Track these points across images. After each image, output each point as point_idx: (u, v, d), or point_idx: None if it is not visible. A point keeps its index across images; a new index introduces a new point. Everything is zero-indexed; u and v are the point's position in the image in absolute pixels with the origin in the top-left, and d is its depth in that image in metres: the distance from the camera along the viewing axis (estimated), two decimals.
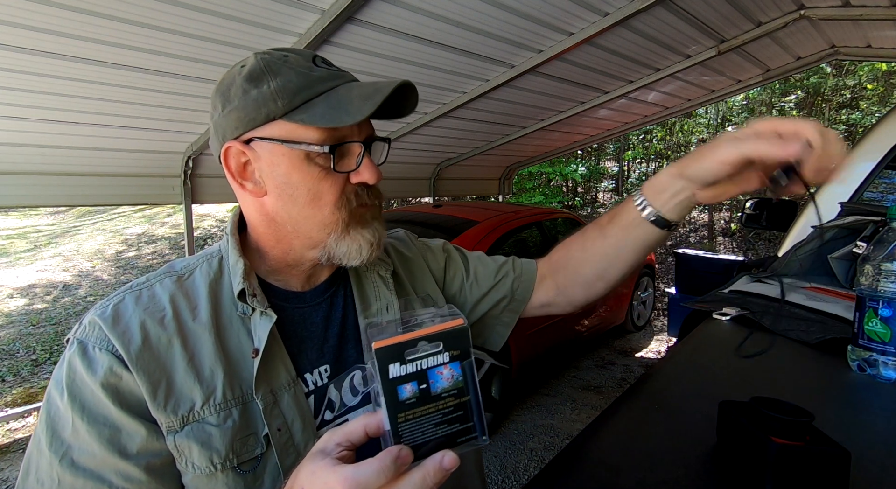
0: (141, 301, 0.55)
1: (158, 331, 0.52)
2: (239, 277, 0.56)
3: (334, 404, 0.61)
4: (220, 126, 0.56)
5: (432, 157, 4.94)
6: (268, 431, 0.53)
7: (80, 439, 0.48)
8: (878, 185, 1.68)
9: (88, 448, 0.48)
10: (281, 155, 0.54)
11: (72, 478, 0.47)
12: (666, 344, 4.58)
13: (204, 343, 0.53)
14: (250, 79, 0.53)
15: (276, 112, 0.52)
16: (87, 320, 0.53)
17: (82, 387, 0.50)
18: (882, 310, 0.80)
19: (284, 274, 0.62)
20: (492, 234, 3.09)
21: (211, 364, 0.53)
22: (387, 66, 2.63)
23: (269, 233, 0.59)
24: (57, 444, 0.48)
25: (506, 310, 0.79)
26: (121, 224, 10.34)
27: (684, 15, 2.76)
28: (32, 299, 6.20)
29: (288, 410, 0.55)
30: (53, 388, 0.50)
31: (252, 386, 0.53)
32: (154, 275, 0.58)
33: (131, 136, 2.74)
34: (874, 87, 7.16)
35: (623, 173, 9.60)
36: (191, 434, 0.50)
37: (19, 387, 3.83)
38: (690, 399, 0.77)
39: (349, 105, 0.51)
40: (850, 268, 1.34)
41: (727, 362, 0.93)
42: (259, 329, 0.55)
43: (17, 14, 1.65)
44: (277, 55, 0.55)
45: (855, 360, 0.85)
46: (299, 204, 0.55)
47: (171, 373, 0.51)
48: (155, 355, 0.51)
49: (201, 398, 0.51)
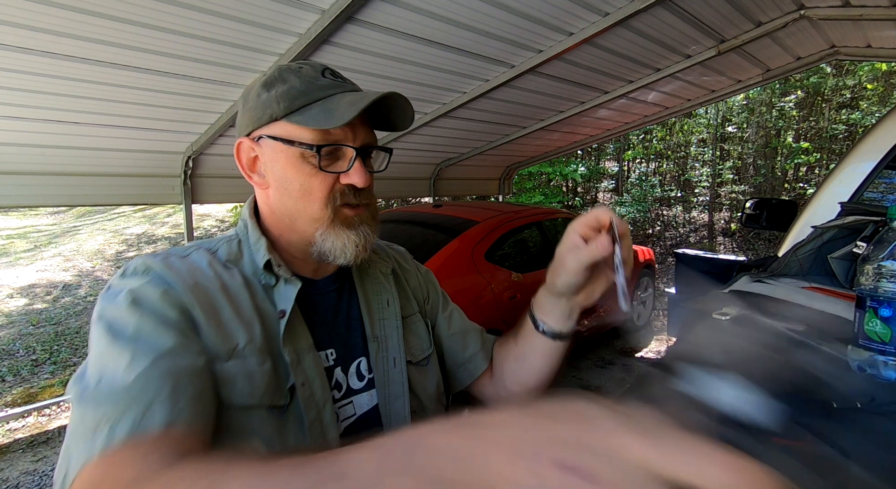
0: (185, 261, 0.59)
1: (205, 281, 0.57)
2: (263, 250, 0.62)
3: (341, 386, 0.65)
4: (238, 124, 0.64)
5: (432, 157, 4.94)
6: (294, 383, 0.57)
7: (147, 331, 0.50)
8: (878, 185, 1.68)
9: (156, 338, 0.49)
10: (280, 152, 0.60)
11: (142, 359, 0.48)
12: (666, 344, 4.58)
13: (243, 298, 0.58)
14: (265, 84, 0.61)
15: (277, 113, 0.59)
16: (135, 264, 0.56)
17: (145, 298, 0.52)
18: (882, 310, 0.80)
19: (294, 262, 0.66)
20: (492, 234, 3.08)
21: (249, 317, 0.57)
22: (387, 66, 2.63)
23: (275, 222, 0.65)
24: (123, 338, 0.49)
25: (469, 363, 0.80)
26: (121, 224, 10.35)
27: (684, 15, 2.76)
28: (33, 299, 6.20)
29: (309, 369, 0.60)
30: (109, 305, 0.52)
31: (280, 342, 0.58)
32: (187, 247, 0.63)
33: (131, 136, 2.74)
34: (874, 87, 7.17)
35: (623, 173, 9.60)
36: (235, 367, 0.54)
37: (19, 387, 3.83)
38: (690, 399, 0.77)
39: (337, 110, 0.58)
40: (850, 268, 1.34)
41: (727, 362, 0.93)
42: (285, 294, 0.60)
43: (17, 14, 1.65)
44: (293, 66, 0.63)
45: (855, 360, 0.85)
46: (293, 197, 0.61)
47: (219, 312, 0.56)
48: (206, 296, 0.56)
49: (244, 340, 0.55)
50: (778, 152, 7.98)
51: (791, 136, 7.94)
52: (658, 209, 8.62)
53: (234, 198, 3.68)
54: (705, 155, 8.65)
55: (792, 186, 7.92)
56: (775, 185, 7.87)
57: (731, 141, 8.72)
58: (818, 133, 7.70)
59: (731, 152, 8.57)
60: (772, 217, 2.05)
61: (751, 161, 8.35)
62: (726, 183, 8.27)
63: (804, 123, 7.96)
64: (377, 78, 2.74)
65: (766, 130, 8.11)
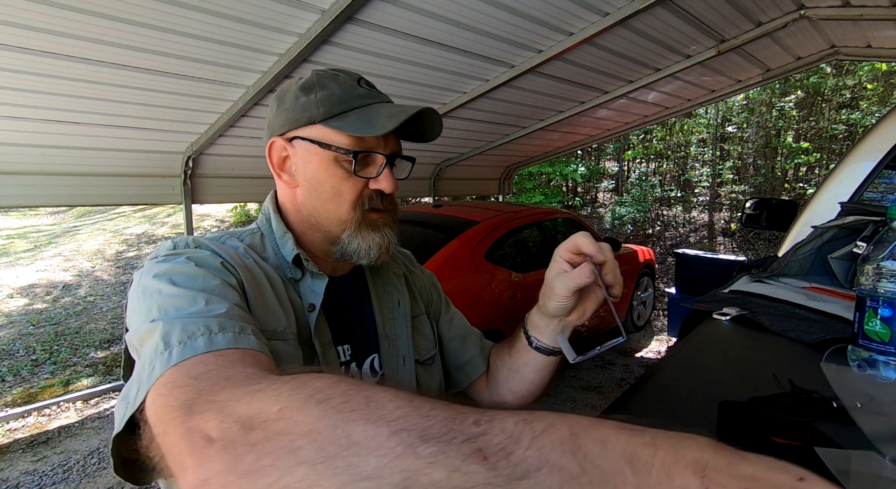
0: (224, 246, 0.61)
1: (249, 264, 0.60)
2: (290, 244, 0.64)
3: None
4: (271, 124, 0.65)
5: (432, 157, 4.94)
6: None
7: (215, 286, 0.51)
8: (878, 185, 1.68)
9: (227, 293, 0.51)
10: (314, 153, 0.62)
11: (217, 297, 0.49)
12: (666, 344, 4.58)
13: (278, 287, 0.61)
14: (303, 88, 0.63)
15: (316, 117, 0.61)
16: (186, 241, 0.58)
17: (208, 263, 0.54)
18: (882, 310, 0.80)
19: (314, 260, 0.68)
20: (492, 234, 3.08)
21: (286, 304, 0.60)
22: (387, 66, 2.63)
23: (299, 221, 0.67)
24: (194, 288, 0.49)
25: (467, 366, 0.83)
26: (121, 224, 10.34)
27: (684, 15, 2.76)
28: (33, 299, 6.19)
29: (332, 362, 0.64)
30: (167, 264, 0.52)
31: (312, 334, 0.61)
32: (218, 235, 0.64)
33: (131, 136, 2.74)
34: (874, 87, 7.17)
35: (623, 173, 9.60)
36: (278, 347, 0.56)
37: (19, 387, 3.83)
38: (690, 399, 0.77)
39: (377, 120, 0.60)
40: (850, 268, 1.34)
41: (727, 362, 0.94)
42: (315, 287, 0.64)
43: (17, 14, 1.65)
44: (330, 73, 0.65)
45: (855, 360, 0.85)
46: (323, 198, 0.63)
47: (264, 294, 0.58)
48: (252, 277, 0.58)
49: (283, 323, 0.58)
50: (778, 152, 7.97)
51: (791, 136, 7.93)
52: (658, 209, 8.62)
53: (234, 198, 3.68)
54: (705, 155, 8.65)
55: (792, 186, 7.92)
56: (775, 185, 7.87)
57: (731, 141, 8.72)
58: (818, 133, 7.70)
59: (731, 152, 8.57)
60: (772, 217, 2.05)
61: (751, 161, 8.35)
62: (726, 183, 8.27)
63: (804, 123, 7.95)
64: (377, 78, 2.74)
65: (766, 130, 8.11)
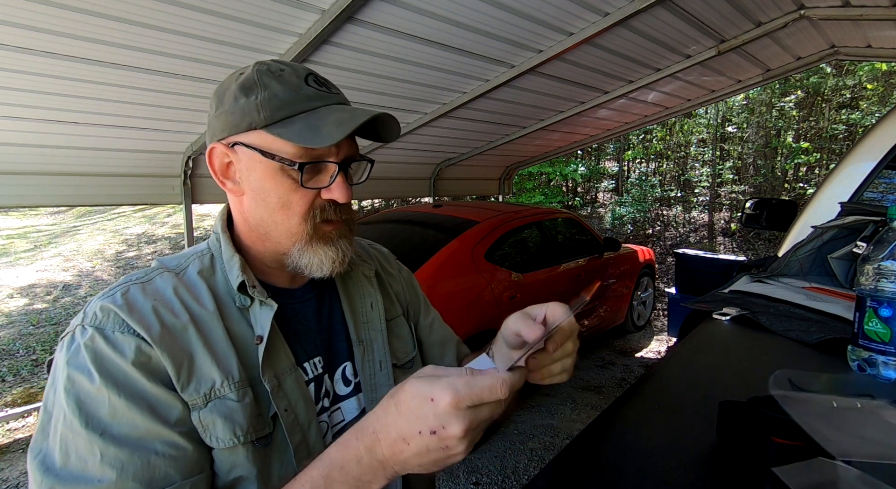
0: (147, 291, 0.56)
1: (172, 318, 0.54)
2: (237, 270, 0.59)
3: (329, 393, 0.65)
4: (211, 126, 0.60)
5: (432, 157, 4.94)
6: (276, 411, 0.56)
7: (120, 415, 0.48)
8: (878, 185, 1.68)
9: (129, 421, 0.48)
10: (258, 162, 0.57)
11: (116, 450, 0.47)
12: (666, 344, 4.58)
13: (214, 329, 0.56)
14: (243, 87, 0.56)
15: (258, 122, 0.55)
16: (95, 308, 0.53)
17: (113, 367, 0.50)
18: (882, 310, 0.80)
19: (269, 272, 0.65)
20: (492, 234, 3.08)
21: (224, 349, 0.55)
22: (387, 66, 2.63)
23: (247, 232, 0.63)
24: (95, 423, 0.48)
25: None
26: (121, 224, 10.35)
27: (684, 15, 2.76)
28: (33, 299, 6.19)
29: (292, 393, 0.58)
30: (76, 374, 0.49)
31: (259, 370, 0.56)
32: (150, 271, 0.59)
33: (131, 136, 2.74)
34: (874, 87, 7.16)
35: (623, 173, 9.60)
36: (214, 409, 0.52)
37: (19, 387, 3.83)
38: (690, 399, 0.77)
39: (324, 128, 0.54)
40: (850, 268, 1.34)
41: (727, 362, 0.94)
42: (261, 318, 0.58)
43: (17, 14, 1.65)
44: (274, 68, 0.58)
45: (855, 360, 0.85)
46: (270, 208, 0.58)
47: (192, 354, 0.53)
48: (174, 338, 0.53)
49: (220, 377, 0.53)
50: (778, 152, 7.97)
51: (791, 136, 7.93)
52: (658, 209, 8.62)
53: None
54: (705, 155, 8.65)
55: (792, 186, 7.92)
56: (775, 185, 7.87)
57: (731, 141, 8.72)
58: (818, 133, 7.70)
59: (731, 152, 8.57)
60: (772, 217, 2.05)
61: (751, 161, 8.35)
62: (726, 183, 8.27)
63: (804, 123, 7.95)
64: (377, 78, 2.75)
65: (766, 130, 8.11)
